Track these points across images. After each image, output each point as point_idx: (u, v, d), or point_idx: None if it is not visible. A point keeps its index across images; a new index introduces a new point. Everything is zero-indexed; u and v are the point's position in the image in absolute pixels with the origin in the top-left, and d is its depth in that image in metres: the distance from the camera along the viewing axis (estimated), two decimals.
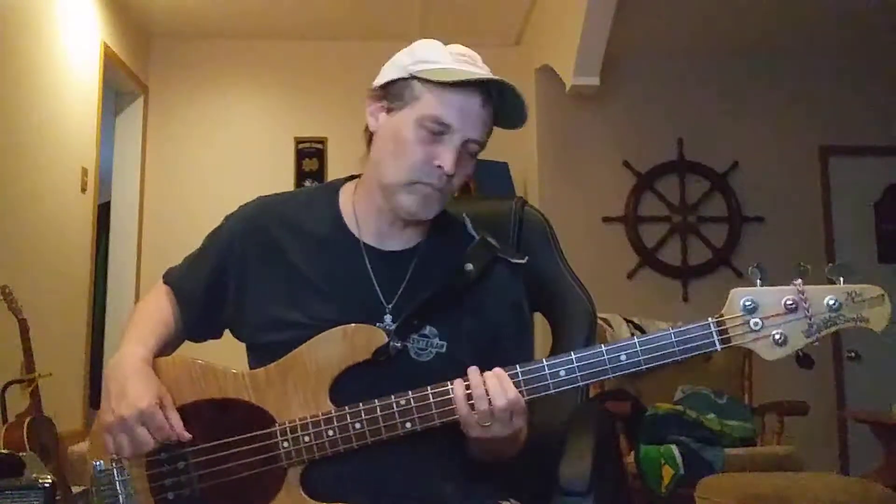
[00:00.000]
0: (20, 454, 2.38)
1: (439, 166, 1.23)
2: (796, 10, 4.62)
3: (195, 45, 5.30)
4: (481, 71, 1.26)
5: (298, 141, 5.25)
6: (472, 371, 1.17)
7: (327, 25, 5.06)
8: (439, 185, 1.24)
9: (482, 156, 1.32)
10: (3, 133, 3.44)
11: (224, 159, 5.21)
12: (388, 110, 1.27)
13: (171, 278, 1.44)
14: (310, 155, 5.25)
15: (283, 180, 5.16)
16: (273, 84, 5.32)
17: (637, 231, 5.04)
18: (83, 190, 4.26)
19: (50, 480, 1.98)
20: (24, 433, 3.02)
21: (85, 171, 4.27)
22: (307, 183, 5.21)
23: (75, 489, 3.13)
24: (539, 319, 1.62)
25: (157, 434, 1.22)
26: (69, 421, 3.97)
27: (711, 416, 3.53)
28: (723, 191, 5.09)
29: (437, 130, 1.22)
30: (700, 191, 5.10)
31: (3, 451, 2.69)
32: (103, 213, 4.82)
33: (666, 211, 5.08)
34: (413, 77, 1.24)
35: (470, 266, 1.28)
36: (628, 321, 3.96)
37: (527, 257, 1.38)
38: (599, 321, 3.70)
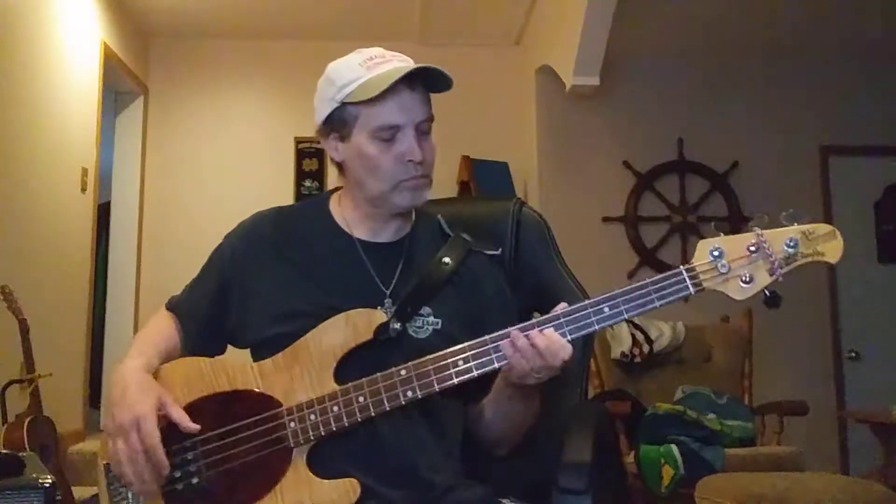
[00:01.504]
0: (20, 454, 2.38)
1: (410, 160, 1.33)
2: (796, 10, 4.62)
3: (195, 45, 5.30)
4: (395, 65, 1.34)
5: (298, 141, 5.24)
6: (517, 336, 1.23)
7: (327, 25, 5.05)
8: (418, 173, 1.35)
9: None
10: (2, 133, 3.44)
11: (224, 159, 5.21)
12: (341, 138, 1.38)
13: (171, 303, 1.50)
14: (310, 155, 5.25)
15: (283, 180, 5.17)
16: (273, 84, 5.31)
17: (637, 231, 5.04)
18: (83, 190, 4.26)
19: (50, 480, 1.99)
20: (24, 433, 3.01)
21: (85, 171, 4.27)
22: (307, 183, 5.22)
23: (75, 489, 3.14)
24: None
25: (146, 440, 1.23)
26: (69, 421, 3.97)
27: (711, 416, 3.52)
28: (723, 191, 5.09)
29: (389, 135, 1.33)
30: (700, 191, 5.10)
31: (3, 451, 2.69)
32: (103, 213, 4.83)
33: (666, 211, 5.08)
34: (343, 104, 1.34)
35: (447, 259, 1.39)
36: (628, 321, 3.95)
37: (500, 248, 1.49)
38: None
